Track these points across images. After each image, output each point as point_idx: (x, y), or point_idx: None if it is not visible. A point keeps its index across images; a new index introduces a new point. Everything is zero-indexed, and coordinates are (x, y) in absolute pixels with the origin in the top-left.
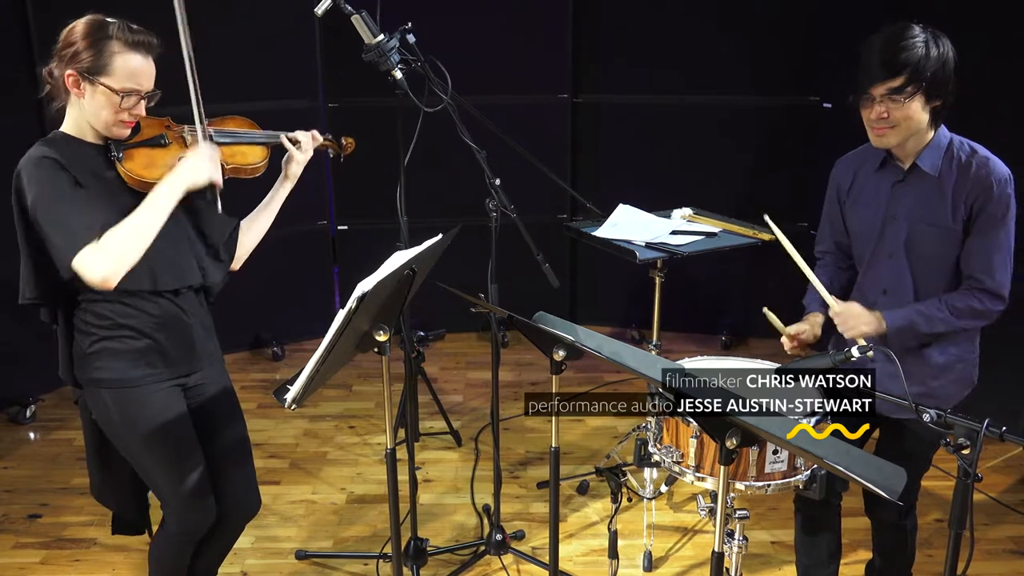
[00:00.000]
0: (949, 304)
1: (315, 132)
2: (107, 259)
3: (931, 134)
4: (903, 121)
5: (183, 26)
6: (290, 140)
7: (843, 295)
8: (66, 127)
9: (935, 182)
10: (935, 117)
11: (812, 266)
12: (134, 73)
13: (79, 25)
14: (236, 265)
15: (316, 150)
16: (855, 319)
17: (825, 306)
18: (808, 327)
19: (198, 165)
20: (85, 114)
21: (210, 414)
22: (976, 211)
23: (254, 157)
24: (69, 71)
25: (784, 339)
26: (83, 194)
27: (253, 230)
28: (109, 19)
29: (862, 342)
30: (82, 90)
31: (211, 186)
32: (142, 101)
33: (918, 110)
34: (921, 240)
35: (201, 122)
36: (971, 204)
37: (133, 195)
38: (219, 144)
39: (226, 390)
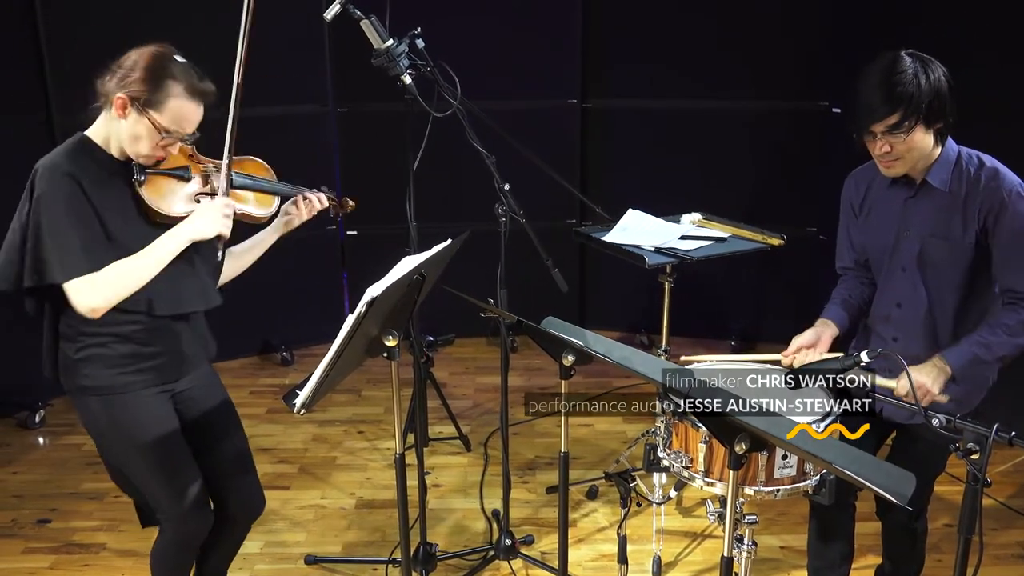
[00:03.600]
0: (1002, 325)
1: (323, 196)
2: (98, 294)
3: (938, 150)
4: (907, 152)
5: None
6: (304, 198)
7: (866, 308)
8: (92, 132)
9: (946, 196)
10: (940, 135)
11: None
12: (185, 118)
13: (146, 54)
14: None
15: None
16: (920, 385)
17: (843, 320)
18: (814, 335)
19: (209, 219)
20: (121, 135)
21: (208, 425)
22: (992, 224)
23: (265, 207)
24: (121, 95)
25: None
26: (91, 220)
27: (237, 263)
28: (178, 57)
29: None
30: (127, 114)
31: (219, 238)
32: (179, 143)
33: (920, 138)
34: (934, 254)
35: (228, 168)
36: (984, 217)
37: (141, 213)
38: (236, 187)
39: (222, 399)
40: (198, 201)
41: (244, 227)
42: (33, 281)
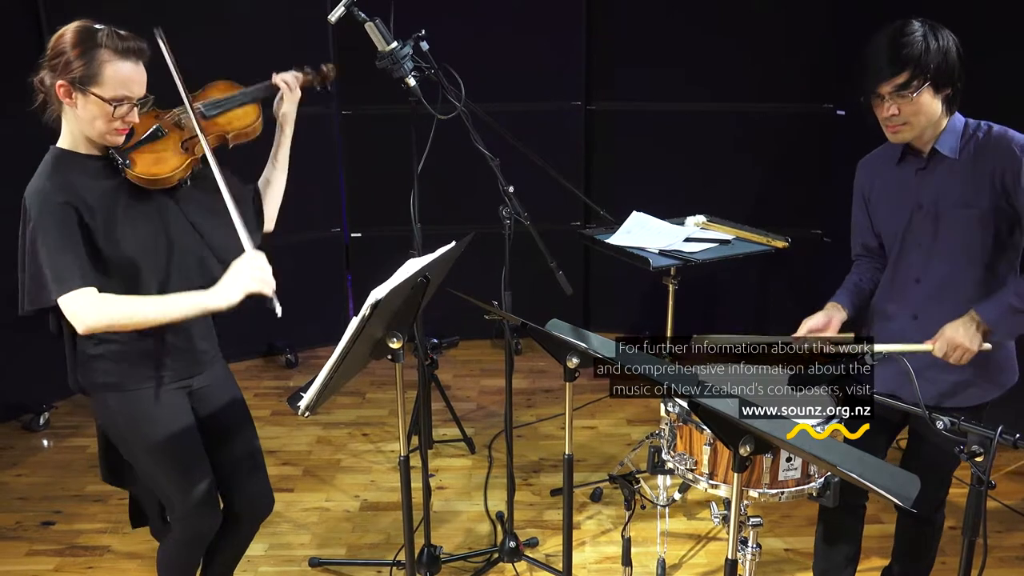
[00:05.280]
0: None
1: (297, 73)
2: (98, 315)
3: (946, 120)
4: (914, 116)
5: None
6: (275, 86)
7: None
8: (62, 142)
9: (957, 164)
10: (948, 103)
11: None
12: (125, 81)
13: (67, 33)
14: (270, 226)
15: (301, 88)
16: (958, 344)
17: (853, 304)
18: (824, 318)
19: (230, 284)
20: (80, 123)
21: (221, 423)
22: (1012, 183)
23: (248, 118)
24: (60, 81)
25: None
26: (82, 243)
27: (272, 191)
28: (97, 25)
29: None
30: (74, 100)
31: (261, 295)
32: (135, 108)
33: (928, 102)
34: (950, 224)
35: (190, 103)
36: (1001, 177)
37: (139, 195)
38: (211, 116)
39: (235, 398)
40: (185, 149)
41: (249, 154)
42: (30, 302)
